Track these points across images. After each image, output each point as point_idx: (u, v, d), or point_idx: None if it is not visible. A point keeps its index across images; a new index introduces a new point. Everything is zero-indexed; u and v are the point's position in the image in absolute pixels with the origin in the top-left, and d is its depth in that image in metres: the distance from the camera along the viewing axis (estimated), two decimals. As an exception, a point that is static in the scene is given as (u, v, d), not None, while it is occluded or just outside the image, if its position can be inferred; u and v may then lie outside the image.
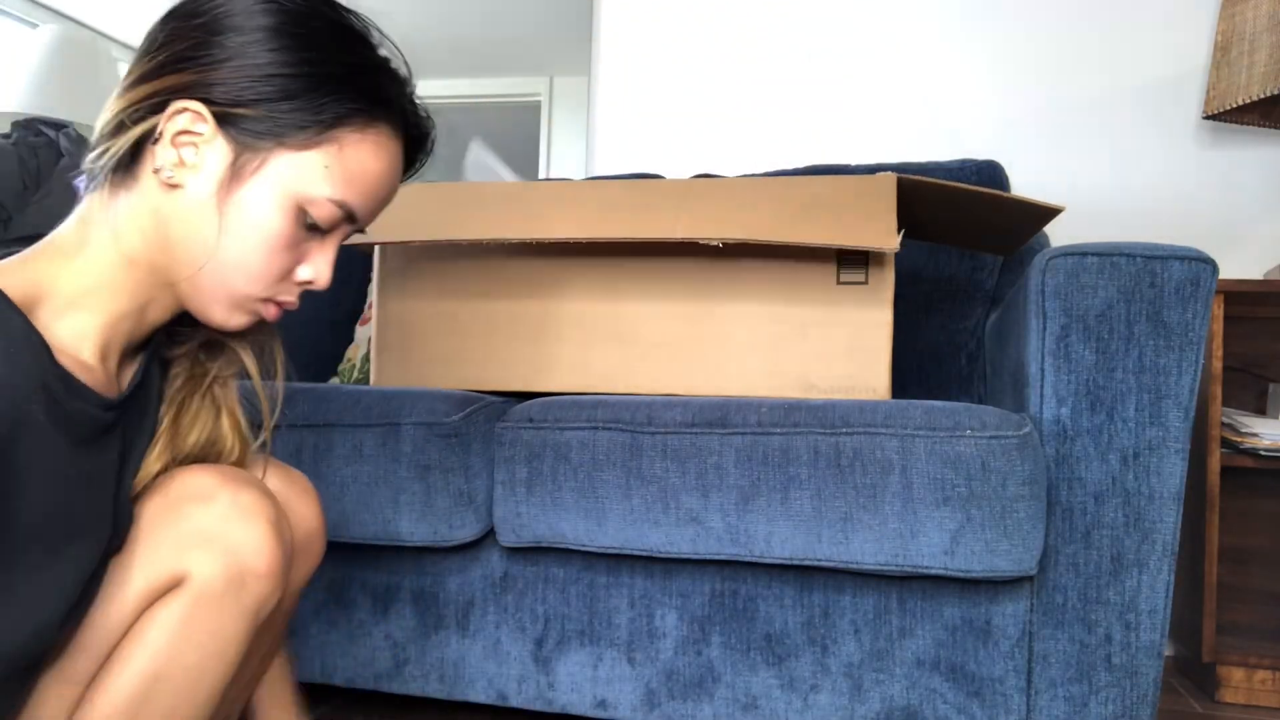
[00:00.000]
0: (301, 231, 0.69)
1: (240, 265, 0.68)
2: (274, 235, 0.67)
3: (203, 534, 0.68)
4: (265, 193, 0.66)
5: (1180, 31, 1.85)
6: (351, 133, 0.68)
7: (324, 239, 0.72)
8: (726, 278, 1.20)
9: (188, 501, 0.70)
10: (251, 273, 0.68)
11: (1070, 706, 0.99)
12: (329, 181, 0.68)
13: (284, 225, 0.67)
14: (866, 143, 2.00)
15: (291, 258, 0.70)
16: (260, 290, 0.70)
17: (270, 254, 0.68)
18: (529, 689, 1.14)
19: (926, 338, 1.58)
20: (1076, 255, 0.97)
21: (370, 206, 0.72)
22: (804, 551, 1.00)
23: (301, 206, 0.68)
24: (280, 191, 0.67)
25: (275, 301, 0.72)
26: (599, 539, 1.07)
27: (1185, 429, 0.96)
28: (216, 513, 0.69)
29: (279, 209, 0.67)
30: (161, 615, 0.67)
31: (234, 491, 0.70)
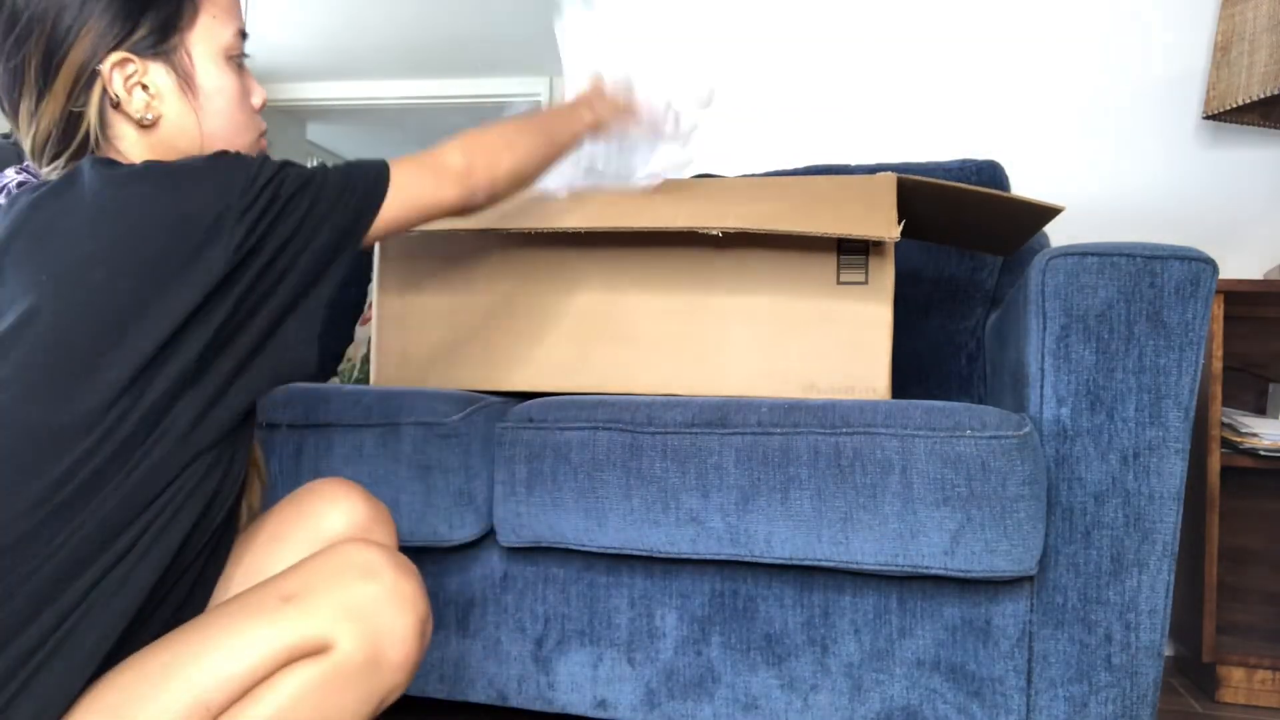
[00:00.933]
0: (238, 73, 0.82)
1: (234, 127, 0.82)
2: (234, 90, 0.82)
3: (359, 610, 0.70)
4: (206, 68, 0.80)
5: (1180, 31, 1.85)
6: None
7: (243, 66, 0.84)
8: (727, 276, 1.19)
9: (355, 573, 0.72)
10: (243, 125, 0.83)
11: (1070, 706, 0.99)
12: (225, 22, 0.81)
13: (232, 78, 0.81)
14: (866, 143, 2.00)
15: (249, 96, 0.84)
16: (255, 130, 0.85)
17: (241, 105, 0.82)
18: (529, 689, 1.14)
19: (926, 338, 1.58)
20: (1076, 255, 0.97)
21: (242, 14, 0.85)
22: (804, 551, 1.00)
23: (226, 56, 0.81)
24: (211, 59, 0.80)
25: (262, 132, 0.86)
26: (599, 539, 1.07)
27: (1185, 429, 0.96)
28: (376, 593, 0.71)
29: (222, 70, 0.81)
30: (300, 674, 0.69)
31: (396, 578, 0.73)
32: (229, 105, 0.81)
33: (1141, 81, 1.87)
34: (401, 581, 0.73)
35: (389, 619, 0.71)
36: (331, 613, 0.70)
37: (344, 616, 0.70)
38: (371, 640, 0.70)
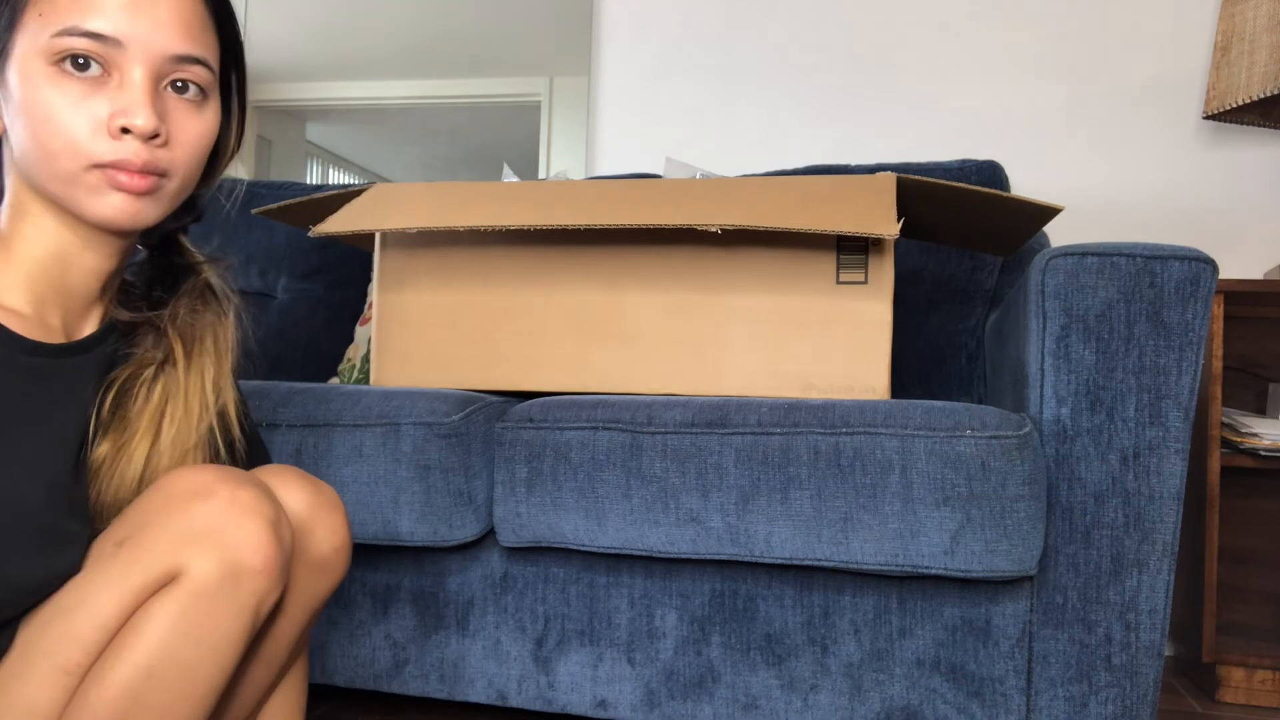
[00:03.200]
0: (75, 83, 0.67)
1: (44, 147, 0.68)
2: (47, 102, 0.67)
3: (200, 531, 0.68)
4: (22, 74, 0.68)
5: (1180, 31, 1.85)
6: None
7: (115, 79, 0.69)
8: (727, 275, 1.20)
9: (186, 498, 0.70)
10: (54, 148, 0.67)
11: (1070, 706, 0.99)
12: (47, 24, 0.67)
13: (50, 87, 0.67)
14: (866, 143, 2.00)
15: (85, 114, 0.67)
16: (76, 160, 0.68)
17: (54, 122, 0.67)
18: (529, 689, 1.14)
19: (926, 338, 1.58)
20: (1076, 255, 0.97)
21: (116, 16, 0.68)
22: (804, 551, 1.00)
23: (52, 62, 0.67)
24: (30, 64, 0.67)
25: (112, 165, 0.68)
26: (599, 539, 1.07)
27: (1185, 429, 0.96)
28: (214, 509, 0.69)
29: (40, 79, 0.67)
30: (157, 610, 0.68)
31: (232, 489, 0.70)
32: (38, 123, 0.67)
33: (1141, 81, 1.87)
34: (239, 491, 0.70)
35: (233, 529, 0.69)
36: (171, 542, 0.68)
37: (185, 541, 0.68)
38: (221, 555, 0.68)
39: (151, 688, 0.68)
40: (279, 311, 1.88)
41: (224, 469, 0.72)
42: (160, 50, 0.70)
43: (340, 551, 0.85)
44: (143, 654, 0.67)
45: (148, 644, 0.67)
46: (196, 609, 0.68)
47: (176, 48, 0.70)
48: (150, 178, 0.70)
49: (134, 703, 0.67)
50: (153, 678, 0.68)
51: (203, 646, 0.69)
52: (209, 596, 0.68)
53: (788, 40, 2.05)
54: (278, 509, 0.73)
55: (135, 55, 0.69)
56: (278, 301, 1.90)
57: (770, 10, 2.06)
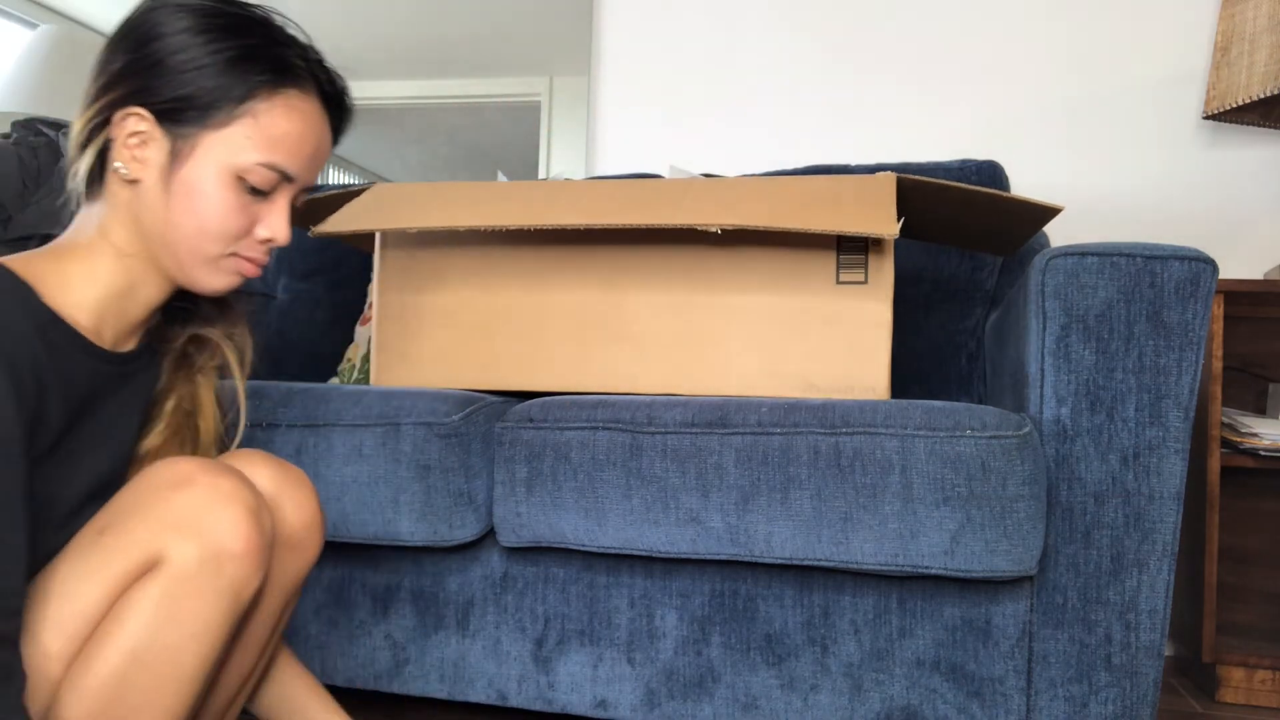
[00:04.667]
0: (245, 197, 0.79)
1: (199, 232, 0.79)
2: (219, 204, 0.78)
3: (180, 518, 0.71)
4: (204, 170, 0.78)
5: (1180, 31, 1.85)
6: (262, 103, 0.79)
7: (271, 200, 0.82)
8: (727, 275, 1.19)
9: (166, 487, 0.72)
10: (212, 235, 0.79)
11: (1070, 706, 0.99)
12: (253, 149, 0.78)
13: (225, 194, 0.78)
14: (866, 143, 2.00)
15: (244, 220, 0.80)
16: (224, 248, 0.80)
17: (221, 220, 0.79)
18: (529, 689, 1.14)
19: (926, 338, 1.58)
20: (1076, 255, 0.97)
21: (301, 163, 0.82)
22: (804, 551, 1.00)
23: (237, 175, 0.78)
24: (216, 166, 0.78)
25: (245, 258, 0.82)
26: (599, 539, 1.07)
27: (1185, 429, 0.96)
28: (194, 497, 0.72)
29: (218, 181, 0.78)
30: (139, 596, 0.70)
31: (212, 477, 0.73)
32: (203, 211, 0.78)
33: (1141, 81, 1.87)
34: (218, 479, 0.73)
35: (213, 516, 0.71)
36: (152, 529, 0.70)
37: (165, 528, 0.70)
38: (201, 541, 0.71)
39: (137, 671, 0.70)
40: (279, 311, 1.88)
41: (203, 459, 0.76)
42: (309, 184, 0.86)
43: (311, 528, 0.89)
44: (127, 639, 0.69)
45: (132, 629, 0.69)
46: (179, 594, 0.70)
47: (314, 182, 0.87)
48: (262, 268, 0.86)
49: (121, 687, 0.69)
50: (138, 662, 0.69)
51: (186, 630, 0.71)
52: (191, 581, 0.70)
53: (787, 40, 2.05)
54: (257, 497, 0.76)
55: (295, 187, 0.84)
56: (278, 301, 1.90)
57: (770, 10, 2.06)
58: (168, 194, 0.78)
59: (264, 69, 0.79)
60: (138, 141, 0.77)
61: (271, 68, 0.79)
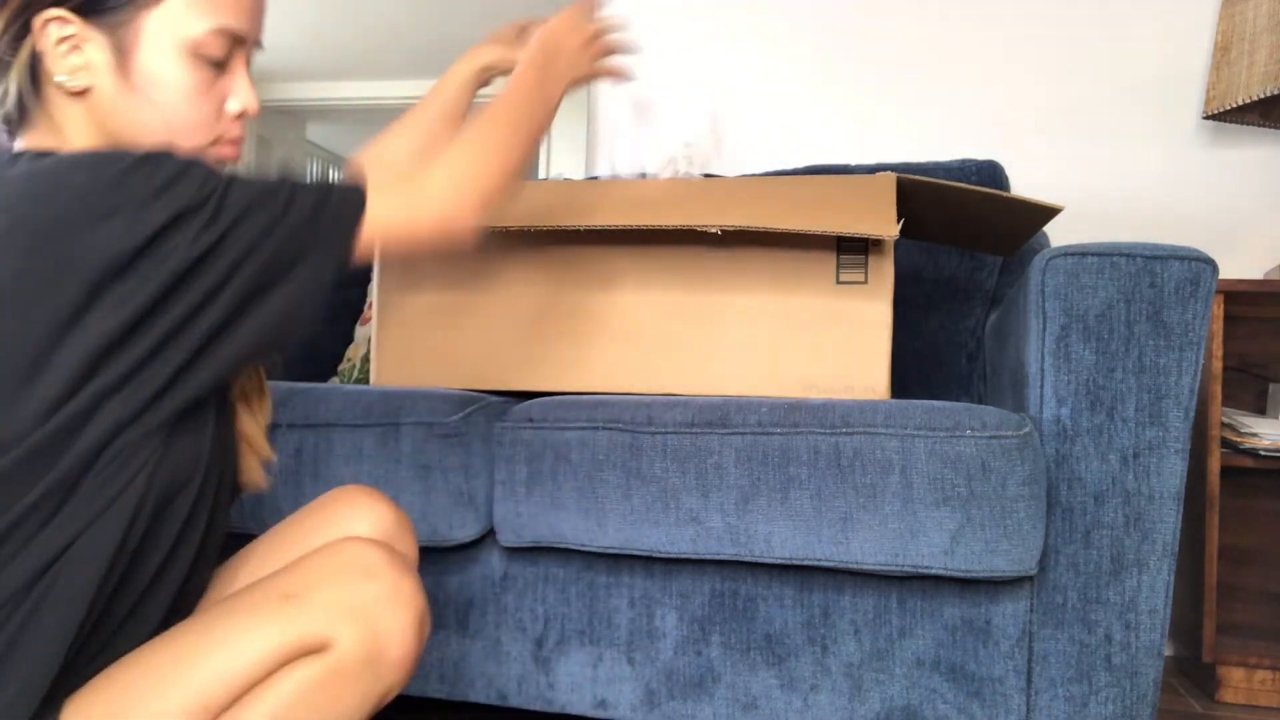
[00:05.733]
0: (206, 72, 0.73)
1: (174, 125, 0.73)
2: (185, 87, 0.72)
3: (359, 609, 0.70)
4: (156, 55, 0.71)
5: (1180, 31, 1.85)
6: None
7: (230, 68, 0.76)
8: (726, 275, 1.19)
9: (355, 572, 0.71)
10: (186, 126, 0.73)
11: (1070, 706, 0.99)
12: (198, 15, 0.72)
13: (188, 74, 0.72)
14: (866, 143, 2.00)
15: (213, 99, 0.75)
16: (204, 137, 0.75)
17: (192, 104, 0.73)
18: (529, 689, 1.14)
19: (926, 338, 1.58)
20: (1076, 255, 0.97)
21: (246, 17, 0.76)
22: (804, 551, 1.00)
23: (191, 50, 0.72)
24: (167, 46, 0.71)
25: (225, 141, 0.77)
26: (599, 539, 1.07)
27: (1185, 429, 0.96)
28: (376, 592, 0.71)
29: (175, 62, 0.72)
30: (299, 673, 0.69)
31: (397, 577, 0.72)
32: (174, 100, 0.72)
33: (1141, 81, 1.87)
34: (401, 580, 0.72)
35: (388, 618, 0.71)
36: (331, 611, 0.69)
37: (344, 615, 0.69)
38: (371, 639, 0.70)
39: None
40: (279, 311, 1.88)
41: (390, 549, 0.75)
42: (257, 39, 0.78)
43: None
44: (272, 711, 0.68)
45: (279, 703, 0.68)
46: (333, 683, 0.69)
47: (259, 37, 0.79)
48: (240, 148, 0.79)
49: None
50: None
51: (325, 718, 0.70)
52: (347, 675, 0.69)
53: (787, 40, 2.05)
54: (426, 604, 0.75)
55: (247, 47, 0.77)
56: (278, 301, 1.90)
57: (770, 10, 2.06)
58: (127, 92, 0.71)
59: None
60: (69, 47, 0.70)
61: None
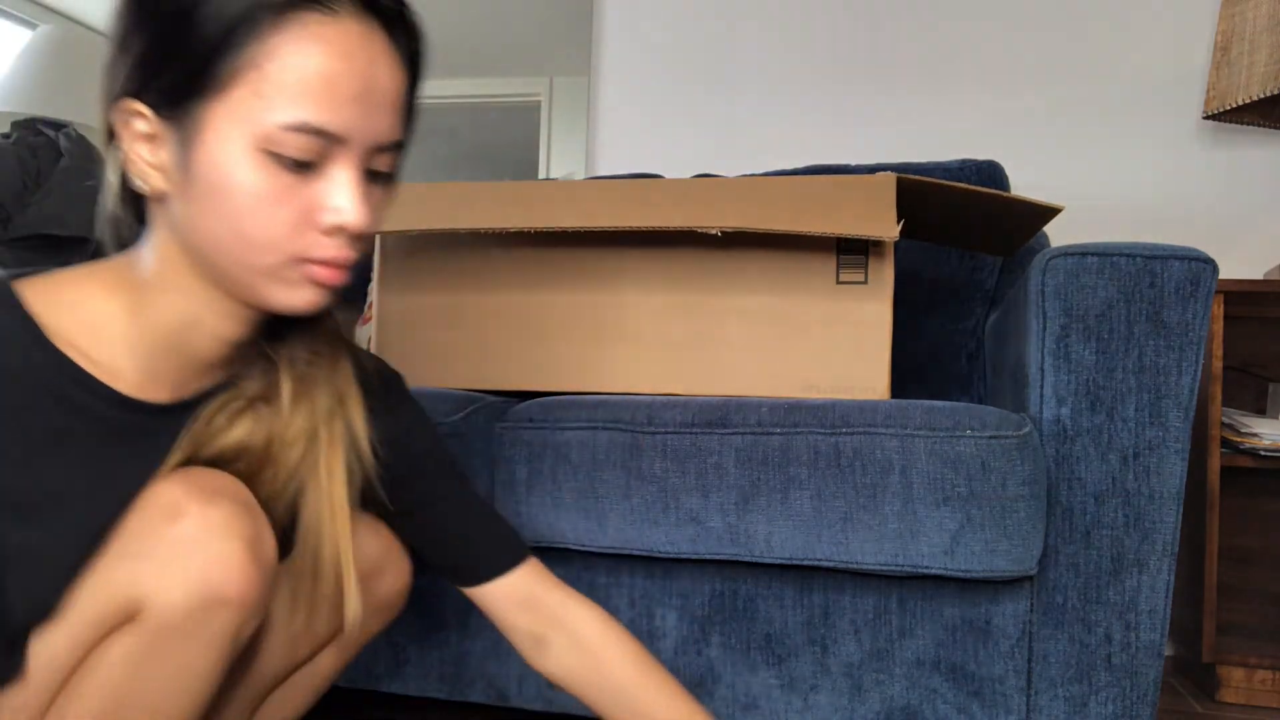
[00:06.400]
0: (285, 176, 0.59)
1: (241, 237, 0.60)
2: (251, 194, 0.59)
3: (164, 556, 0.61)
4: (219, 154, 0.59)
5: (1180, 31, 1.85)
6: (259, 46, 0.57)
7: (323, 171, 0.61)
8: (727, 276, 1.19)
9: (153, 518, 0.62)
10: (258, 241, 0.60)
11: (1070, 706, 0.99)
12: (272, 105, 0.58)
13: (255, 178, 0.59)
14: (866, 143, 2.00)
15: (293, 208, 0.60)
16: (281, 254, 0.61)
17: (262, 214, 0.60)
18: (529, 689, 1.14)
19: (926, 338, 1.58)
20: (1076, 255, 0.97)
21: (347, 111, 0.60)
22: (804, 551, 1.00)
23: (263, 149, 0.58)
24: (233, 144, 0.58)
25: (314, 260, 0.62)
26: (599, 539, 1.07)
27: (1185, 429, 0.96)
28: (183, 532, 0.61)
29: (241, 163, 0.59)
30: (117, 650, 0.61)
31: (202, 509, 0.62)
32: (236, 211, 0.59)
33: (1141, 81, 1.87)
34: (209, 510, 0.62)
35: (206, 556, 0.61)
36: (133, 570, 0.61)
37: (150, 569, 0.60)
38: (190, 587, 0.60)
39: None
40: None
41: (196, 478, 0.64)
42: (374, 141, 0.62)
43: (403, 594, 0.88)
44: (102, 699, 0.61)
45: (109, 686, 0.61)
46: (161, 647, 0.61)
47: (387, 136, 0.63)
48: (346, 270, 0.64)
49: None
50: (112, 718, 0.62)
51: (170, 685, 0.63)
52: (175, 633, 0.61)
53: (788, 40, 2.05)
54: (257, 523, 0.65)
55: (354, 148, 0.61)
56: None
57: (770, 10, 2.06)
58: (192, 198, 0.60)
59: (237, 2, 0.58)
60: (147, 144, 0.61)
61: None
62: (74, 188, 1.51)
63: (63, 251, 1.54)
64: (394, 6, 0.63)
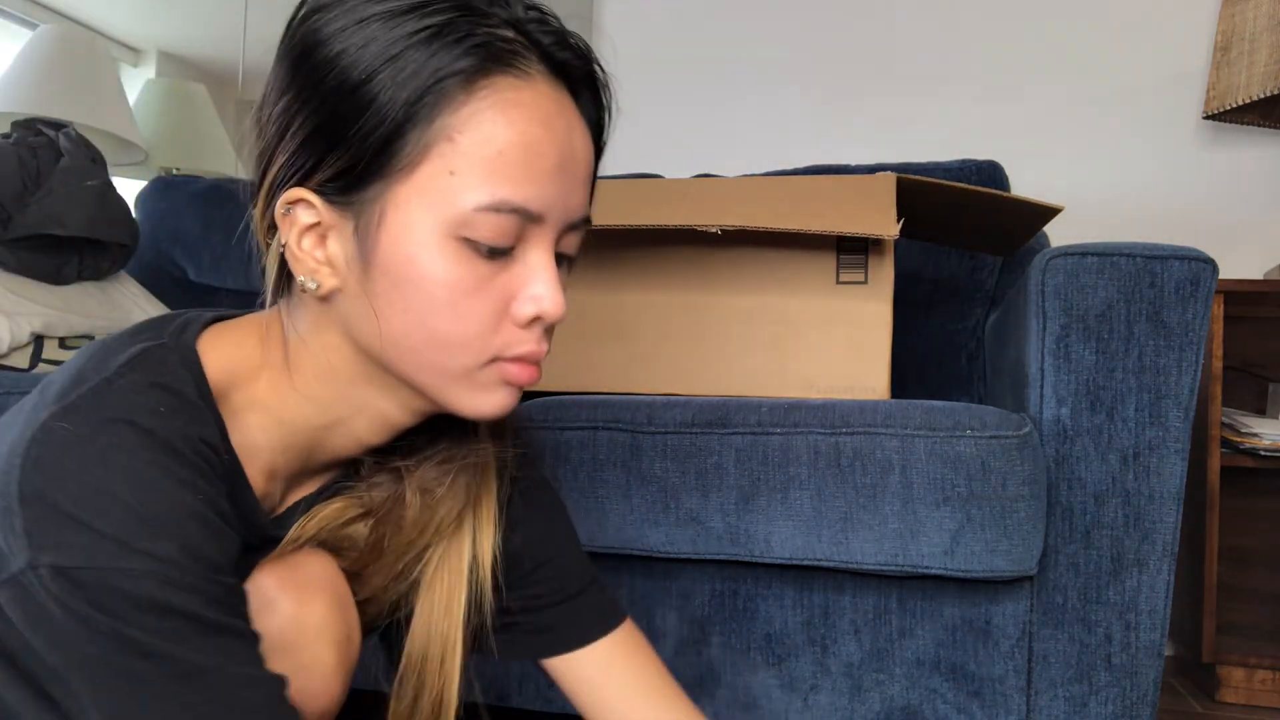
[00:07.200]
0: (481, 265, 0.52)
1: (435, 337, 0.53)
2: (446, 284, 0.52)
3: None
4: (406, 244, 0.51)
5: (1180, 31, 1.85)
6: (450, 116, 0.50)
7: (518, 256, 0.54)
8: (726, 275, 1.19)
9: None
10: (452, 340, 0.53)
11: (1070, 706, 0.99)
12: (468, 188, 0.51)
13: (451, 268, 0.52)
14: (866, 143, 2.00)
15: (492, 299, 0.53)
16: (477, 354, 0.54)
17: (457, 308, 0.52)
18: (529, 689, 1.14)
19: (926, 338, 1.58)
20: (1076, 255, 0.97)
21: (545, 186, 0.53)
22: (804, 551, 1.00)
23: (457, 235, 0.52)
24: (421, 233, 0.51)
25: (513, 358, 0.55)
26: (599, 539, 1.07)
27: (1185, 429, 0.96)
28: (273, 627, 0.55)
29: (433, 252, 0.51)
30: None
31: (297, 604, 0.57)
32: (426, 306, 0.52)
33: (1141, 81, 1.87)
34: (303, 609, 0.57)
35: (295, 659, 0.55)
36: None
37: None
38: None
39: None
40: (279, 311, 1.88)
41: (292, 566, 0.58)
42: (569, 220, 0.56)
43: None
44: None
45: None
46: None
47: (579, 213, 0.57)
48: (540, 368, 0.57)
49: None
50: None
51: None
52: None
53: (788, 40, 2.05)
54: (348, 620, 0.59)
55: (550, 228, 0.55)
56: (278, 301, 1.90)
57: (770, 10, 2.06)
58: (372, 295, 0.52)
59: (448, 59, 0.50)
60: (314, 238, 0.53)
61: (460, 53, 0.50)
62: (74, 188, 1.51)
63: (63, 251, 1.54)
64: (583, 66, 0.57)
